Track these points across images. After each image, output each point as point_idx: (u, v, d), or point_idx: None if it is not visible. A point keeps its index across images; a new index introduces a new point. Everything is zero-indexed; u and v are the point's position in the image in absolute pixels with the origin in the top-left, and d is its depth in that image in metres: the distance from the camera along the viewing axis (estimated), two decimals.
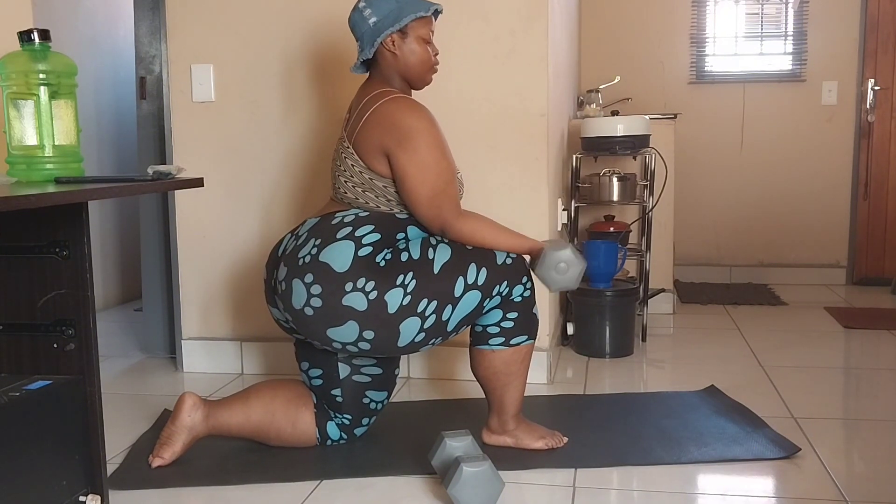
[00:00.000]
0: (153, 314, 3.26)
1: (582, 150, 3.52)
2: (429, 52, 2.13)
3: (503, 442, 2.21)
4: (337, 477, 2.05)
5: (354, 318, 1.96)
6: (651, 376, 3.00)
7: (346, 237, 2.00)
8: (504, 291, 2.04)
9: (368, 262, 1.99)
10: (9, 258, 1.68)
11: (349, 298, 1.95)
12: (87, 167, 1.84)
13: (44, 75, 1.66)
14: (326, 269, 1.97)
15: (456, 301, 2.01)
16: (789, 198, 4.83)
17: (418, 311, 1.99)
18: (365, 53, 2.10)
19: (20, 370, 1.69)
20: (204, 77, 2.92)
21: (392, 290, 1.97)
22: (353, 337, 1.98)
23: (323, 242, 2.00)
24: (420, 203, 2.02)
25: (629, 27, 4.88)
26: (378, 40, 2.07)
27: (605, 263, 3.22)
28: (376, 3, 2.08)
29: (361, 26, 2.09)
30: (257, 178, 2.95)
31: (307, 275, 1.98)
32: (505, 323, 2.08)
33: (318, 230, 2.05)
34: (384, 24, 2.06)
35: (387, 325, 1.98)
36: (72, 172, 1.72)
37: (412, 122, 2.02)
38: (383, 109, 2.04)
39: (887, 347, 3.32)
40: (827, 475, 2.02)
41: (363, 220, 2.05)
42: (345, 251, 1.98)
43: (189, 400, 2.13)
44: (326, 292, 1.96)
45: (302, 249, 2.02)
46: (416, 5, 2.08)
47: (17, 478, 1.49)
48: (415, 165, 2.00)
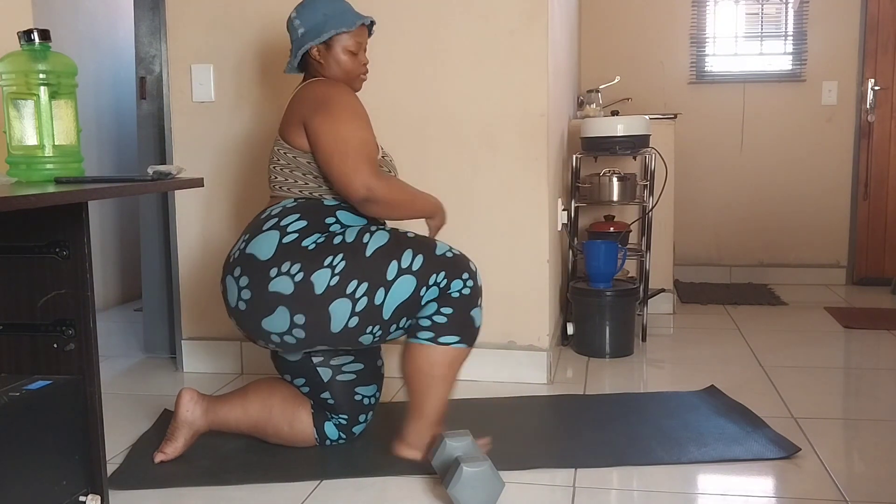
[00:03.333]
0: (153, 314, 3.26)
1: (582, 150, 3.52)
2: (355, 62, 2.16)
3: (414, 455, 2.08)
4: (337, 477, 2.05)
5: (283, 303, 1.95)
6: (651, 376, 3.00)
7: (272, 227, 2.02)
8: (442, 283, 1.99)
9: (294, 247, 1.98)
10: (9, 258, 1.68)
11: (275, 283, 1.95)
12: (87, 167, 1.83)
13: (44, 75, 1.66)
14: (252, 260, 1.99)
15: (388, 285, 1.97)
16: (789, 198, 4.83)
17: (347, 293, 1.95)
18: (291, 63, 2.18)
19: (20, 370, 1.69)
20: (204, 77, 2.92)
21: (319, 271, 1.95)
22: (285, 325, 1.97)
23: (250, 236, 2.04)
24: (333, 162, 1.99)
25: (629, 27, 4.88)
26: (301, 51, 2.13)
27: (605, 263, 3.22)
28: (304, 15, 2.14)
29: (292, 34, 2.17)
30: (257, 178, 2.95)
31: (235, 269, 2.01)
32: (437, 317, 1.99)
33: (248, 227, 2.09)
34: (308, 37, 2.12)
35: (315, 307, 1.95)
36: (72, 172, 1.72)
37: (329, 92, 2.07)
38: (304, 89, 2.12)
39: (887, 347, 3.32)
40: (827, 475, 2.02)
41: (289, 210, 2.06)
42: (270, 240, 2.00)
43: (186, 395, 2.16)
44: (253, 282, 1.97)
45: (234, 247, 2.08)
46: (340, 20, 2.12)
47: (17, 478, 1.49)
48: (327, 128, 2.00)
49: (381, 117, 2.84)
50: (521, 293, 2.82)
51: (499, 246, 2.81)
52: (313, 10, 2.13)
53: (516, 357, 2.84)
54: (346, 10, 2.16)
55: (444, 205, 2.25)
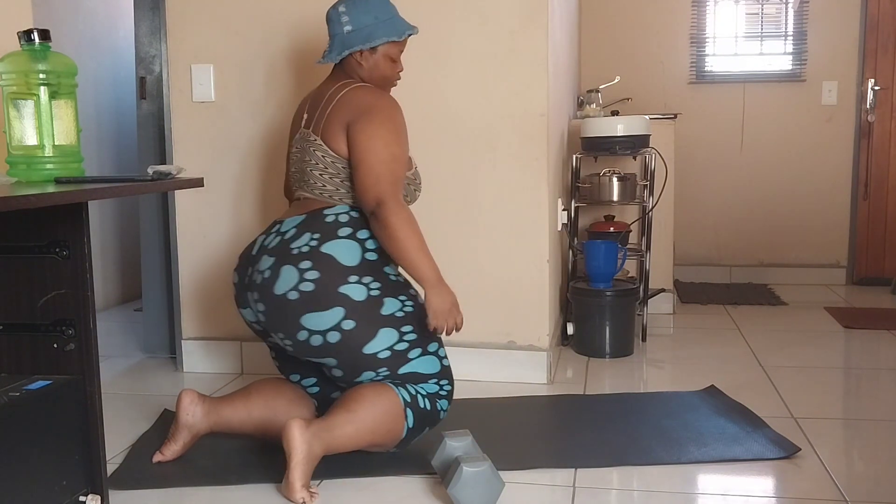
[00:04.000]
0: (153, 314, 3.26)
1: (582, 150, 3.52)
2: (394, 70, 2.21)
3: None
4: (337, 477, 2.05)
5: (345, 305, 1.98)
6: (651, 376, 3.00)
7: (349, 237, 2.04)
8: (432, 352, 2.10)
9: (377, 267, 2.05)
10: (9, 258, 1.68)
11: (349, 288, 1.99)
12: (87, 167, 1.84)
13: (44, 75, 1.66)
14: (330, 260, 1.99)
15: (425, 353, 2.07)
16: (789, 198, 4.83)
17: (401, 330, 2.04)
18: (331, 57, 2.16)
19: (20, 370, 1.69)
20: (204, 77, 2.92)
21: (394, 300, 2.04)
22: (329, 324, 1.97)
23: (323, 237, 2.02)
24: (364, 170, 2.01)
25: (629, 27, 4.88)
26: (346, 52, 2.13)
27: (605, 263, 3.22)
28: (355, 13, 2.13)
29: (335, 27, 2.15)
30: (257, 178, 2.95)
31: (304, 262, 1.99)
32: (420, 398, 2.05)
33: (310, 226, 2.05)
34: (356, 39, 2.12)
35: (370, 323, 1.99)
36: (72, 172, 1.72)
37: (375, 101, 2.09)
38: (350, 94, 2.11)
39: (887, 347, 3.32)
40: (827, 475, 2.02)
41: (358, 222, 2.07)
42: (352, 249, 2.02)
43: (187, 397, 2.13)
44: (325, 279, 1.98)
45: (294, 241, 2.03)
46: (391, 28, 2.14)
47: (17, 478, 1.49)
48: (366, 135, 2.03)
49: None
50: (521, 293, 2.82)
51: (499, 246, 2.81)
52: (365, 10, 2.12)
53: (516, 357, 2.84)
54: (395, 17, 2.17)
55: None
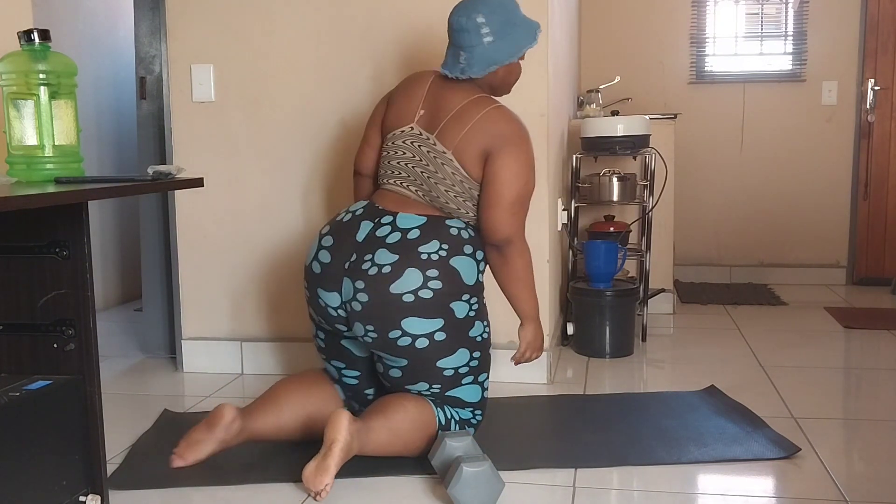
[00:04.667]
0: (153, 314, 3.26)
1: (582, 150, 3.52)
2: (520, 71, 2.24)
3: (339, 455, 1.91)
4: (337, 477, 2.05)
5: (446, 318, 2.03)
6: (651, 376, 3.00)
7: (471, 255, 2.09)
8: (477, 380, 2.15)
9: (481, 289, 2.13)
10: (9, 258, 1.68)
11: (457, 305, 2.04)
12: (87, 167, 1.83)
13: (44, 75, 1.66)
14: (455, 275, 2.04)
15: (475, 381, 2.12)
16: (789, 198, 4.83)
17: (472, 354, 2.09)
18: (475, 72, 2.11)
19: (20, 370, 1.69)
20: (204, 77, 2.92)
21: (481, 323, 2.11)
22: (425, 331, 2.01)
23: (451, 250, 2.05)
24: (499, 205, 2.05)
25: (629, 27, 4.88)
26: (494, 67, 2.12)
27: (605, 263, 3.22)
28: (498, 25, 2.08)
29: (471, 38, 2.08)
30: (257, 178, 2.95)
31: (432, 269, 2.00)
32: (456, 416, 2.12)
33: (437, 233, 2.05)
34: (503, 53, 2.10)
35: (455, 340, 2.05)
36: (72, 172, 1.72)
37: (518, 131, 2.10)
38: (488, 116, 2.09)
39: (887, 347, 3.32)
40: (827, 475, 2.02)
41: (476, 242, 2.11)
42: (472, 268, 2.08)
43: (228, 415, 2.06)
44: (445, 291, 2.02)
45: (423, 245, 2.02)
46: (528, 34, 2.14)
47: (17, 478, 1.49)
48: (509, 170, 2.05)
49: None
50: None
51: None
52: (504, 18, 2.09)
53: None
54: (526, 19, 2.16)
55: None
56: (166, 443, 2.29)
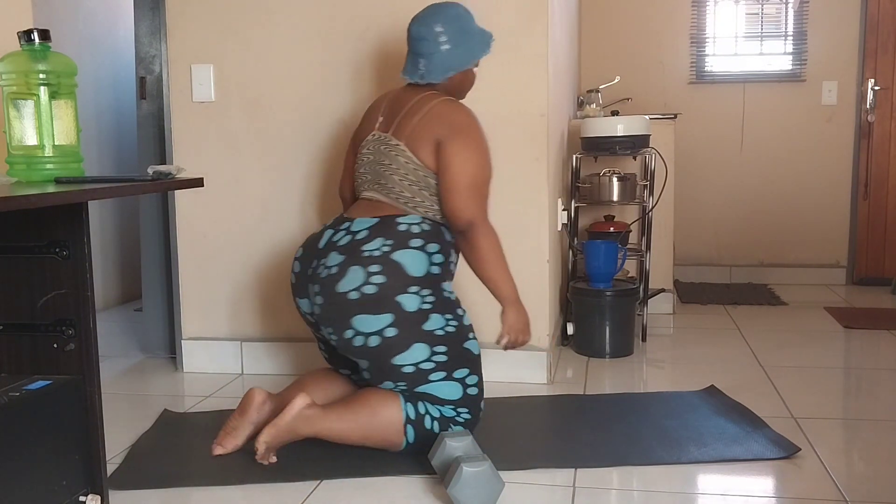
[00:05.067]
0: (153, 314, 3.26)
1: (582, 150, 3.52)
2: (474, 78, 2.33)
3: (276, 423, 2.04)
4: (337, 477, 2.05)
5: (395, 313, 2.03)
6: (651, 376, 3.00)
7: (419, 249, 2.09)
8: (459, 377, 2.11)
9: (437, 281, 2.11)
10: (9, 258, 1.68)
11: (406, 297, 2.04)
12: (87, 167, 1.83)
13: (44, 75, 1.66)
14: (398, 268, 2.05)
15: (449, 377, 2.08)
16: (789, 198, 4.83)
17: (433, 349, 2.06)
18: (433, 78, 2.21)
19: (20, 370, 1.69)
20: (204, 77, 2.92)
21: (439, 316, 2.08)
22: (374, 328, 2.03)
23: (395, 245, 2.07)
24: (455, 190, 2.10)
25: (629, 27, 4.88)
26: (451, 73, 2.22)
27: (605, 263, 3.22)
28: (454, 34, 2.20)
29: (430, 46, 2.19)
30: (257, 178, 2.95)
31: (373, 265, 2.04)
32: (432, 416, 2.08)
33: (383, 231, 2.10)
34: (458, 60, 2.21)
35: (409, 334, 2.04)
36: (72, 172, 1.72)
37: (467, 120, 2.17)
38: (439, 108, 2.17)
39: (887, 347, 3.32)
40: (827, 475, 2.02)
41: (429, 235, 2.12)
42: (420, 260, 2.08)
43: (259, 397, 2.19)
44: (389, 284, 2.03)
45: (367, 244, 2.07)
46: (482, 42, 2.25)
47: (17, 478, 1.49)
48: (461, 156, 2.11)
49: None
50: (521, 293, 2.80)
51: None
52: (460, 28, 2.20)
53: (516, 357, 2.83)
54: (480, 29, 2.26)
55: None
56: (166, 443, 2.30)
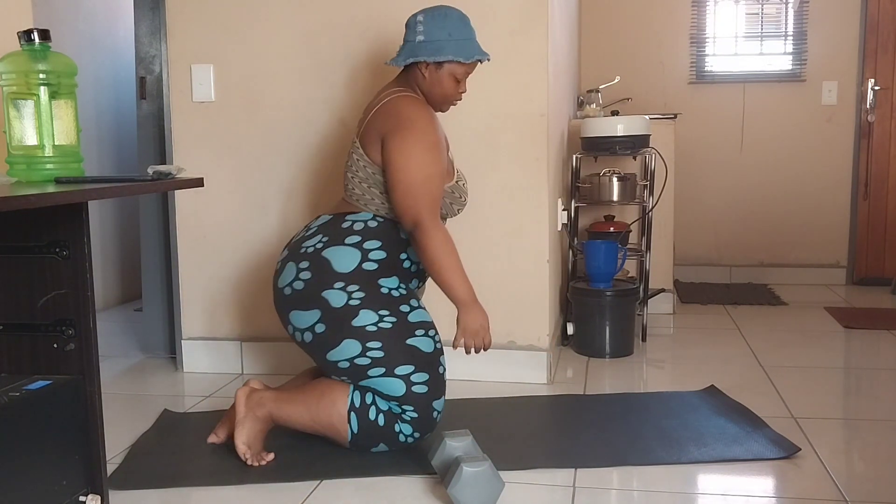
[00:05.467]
0: (153, 314, 3.26)
1: (582, 150, 3.52)
2: (454, 89, 2.20)
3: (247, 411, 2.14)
4: (337, 477, 2.05)
5: (322, 309, 2.06)
6: (651, 376, 3.00)
7: (354, 245, 2.10)
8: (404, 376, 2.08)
9: (369, 278, 2.09)
10: (9, 258, 1.68)
11: (330, 293, 2.06)
12: (87, 167, 1.83)
13: (44, 75, 1.66)
14: (324, 264, 2.08)
15: (390, 374, 2.05)
16: (789, 198, 4.83)
17: (366, 345, 2.05)
18: (396, 61, 2.19)
19: (20, 370, 1.69)
20: (204, 77, 2.92)
21: (371, 312, 2.06)
22: (306, 324, 2.08)
23: (330, 241, 2.11)
24: (397, 189, 2.07)
25: (629, 27, 4.88)
26: (411, 60, 2.16)
27: (605, 263, 3.22)
28: (431, 25, 2.15)
29: (409, 34, 2.18)
30: (257, 178, 2.95)
31: (303, 262, 2.10)
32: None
33: (328, 228, 2.15)
34: (424, 50, 2.14)
35: (337, 330, 2.05)
36: (72, 172, 1.72)
37: (410, 114, 2.11)
38: (390, 103, 2.15)
39: (887, 347, 3.32)
40: (827, 475, 2.02)
41: (372, 232, 2.13)
42: (350, 256, 2.09)
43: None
44: (314, 280, 2.07)
45: (308, 241, 2.14)
46: (461, 49, 2.14)
47: (17, 478, 1.49)
48: (400, 152, 2.07)
49: None
50: (521, 293, 2.82)
51: (499, 246, 2.81)
52: (441, 24, 2.15)
53: (516, 357, 2.84)
54: (469, 40, 2.17)
55: None
56: (166, 443, 2.30)
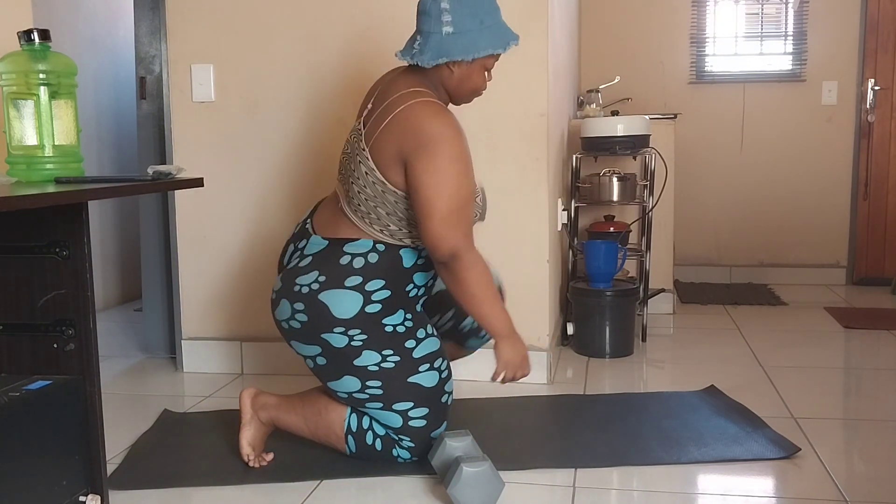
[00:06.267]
0: (153, 314, 3.26)
1: (582, 150, 3.52)
2: (484, 80, 2.00)
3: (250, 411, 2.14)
4: (337, 477, 2.05)
5: (322, 347, 1.99)
6: (651, 376, 3.00)
7: (355, 288, 1.94)
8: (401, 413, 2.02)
9: (372, 320, 1.96)
10: (9, 258, 1.68)
11: (332, 336, 1.97)
12: (87, 167, 1.84)
13: (44, 75, 1.66)
14: (322, 309, 1.94)
15: (388, 408, 2.00)
16: (789, 198, 4.83)
17: (365, 384, 1.99)
18: (424, 61, 1.91)
19: (20, 370, 1.69)
20: (204, 77, 2.92)
21: (374, 353, 1.97)
22: (307, 353, 2.03)
23: (328, 282, 1.94)
24: (432, 217, 1.84)
25: (629, 27, 4.88)
26: (443, 60, 1.90)
27: (605, 263, 3.22)
28: (460, 13, 1.88)
29: (430, 24, 1.90)
30: (257, 179, 2.95)
31: (298, 303, 1.96)
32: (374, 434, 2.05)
33: (324, 263, 1.96)
34: (457, 48, 1.88)
35: (338, 367, 1.99)
36: (72, 172, 1.72)
37: (436, 129, 1.86)
38: (409, 112, 1.89)
39: (887, 347, 3.32)
40: (827, 475, 2.02)
41: (374, 269, 1.95)
42: (351, 302, 1.94)
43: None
44: (311, 324, 1.96)
45: (302, 276, 1.97)
46: (496, 37, 1.92)
47: (17, 478, 1.49)
48: (432, 175, 1.84)
49: None
50: (521, 293, 2.82)
51: (499, 246, 2.81)
52: (472, 11, 1.88)
53: None
54: (501, 25, 1.94)
55: None
56: (166, 443, 2.30)
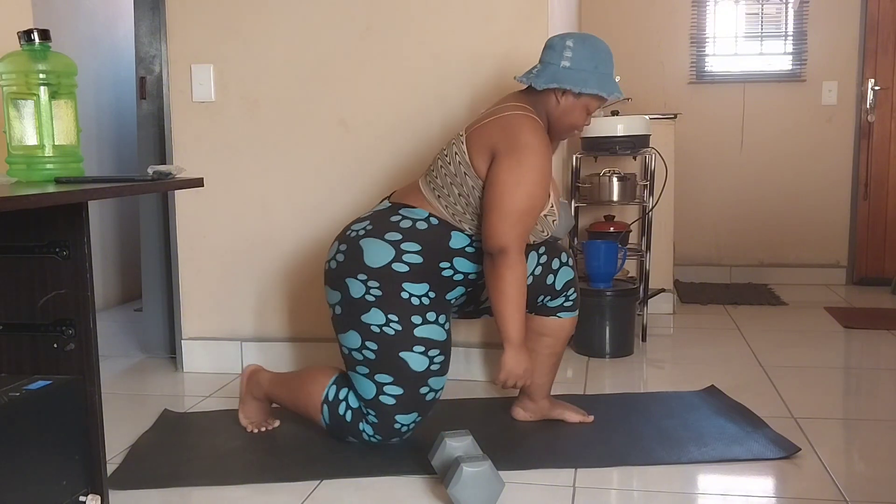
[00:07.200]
0: (153, 314, 3.26)
1: (582, 149, 3.52)
2: (583, 122, 2.19)
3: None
4: (337, 477, 2.05)
5: (342, 294, 2.12)
6: (651, 376, 3.00)
7: (391, 243, 2.09)
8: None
9: (394, 279, 2.07)
10: (9, 258, 1.68)
11: (351, 282, 2.09)
12: (87, 167, 1.83)
13: (44, 75, 1.66)
14: (357, 252, 2.10)
15: (370, 377, 2.10)
16: (789, 198, 4.83)
17: (363, 343, 2.09)
18: (537, 83, 2.12)
19: (20, 370, 1.69)
20: (204, 77, 2.92)
21: (381, 313, 2.07)
22: (331, 301, 2.16)
23: (373, 230, 2.11)
24: (497, 211, 2.01)
25: (629, 27, 4.88)
26: (554, 85, 2.10)
27: (605, 263, 3.21)
28: (580, 54, 2.11)
29: (552, 56, 2.13)
30: (257, 178, 2.95)
31: (343, 244, 2.14)
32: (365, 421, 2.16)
33: (379, 216, 2.16)
34: (570, 78, 2.09)
35: (348, 318, 2.11)
36: (72, 172, 1.72)
37: (531, 140, 2.04)
38: (512, 119, 2.08)
39: (887, 347, 3.32)
40: (827, 475, 2.02)
41: (417, 234, 2.10)
42: (384, 253, 2.08)
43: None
44: (344, 265, 2.11)
45: (358, 223, 2.17)
46: (604, 84, 2.13)
47: (17, 478, 1.49)
48: (512, 174, 2.01)
49: (382, 118, 2.84)
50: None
51: None
52: (591, 54, 2.12)
53: None
54: (611, 76, 2.17)
55: None
56: (166, 443, 2.30)
